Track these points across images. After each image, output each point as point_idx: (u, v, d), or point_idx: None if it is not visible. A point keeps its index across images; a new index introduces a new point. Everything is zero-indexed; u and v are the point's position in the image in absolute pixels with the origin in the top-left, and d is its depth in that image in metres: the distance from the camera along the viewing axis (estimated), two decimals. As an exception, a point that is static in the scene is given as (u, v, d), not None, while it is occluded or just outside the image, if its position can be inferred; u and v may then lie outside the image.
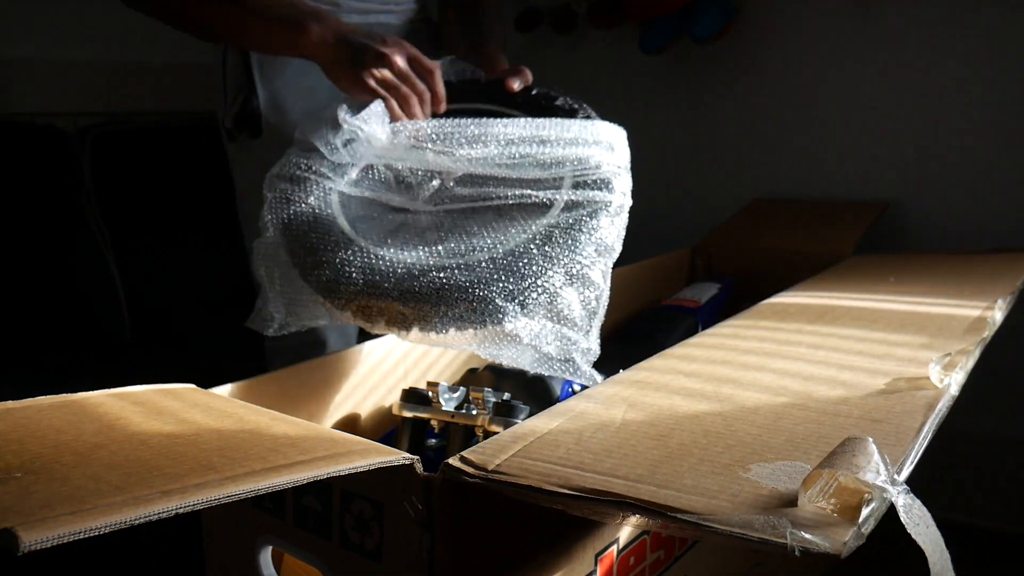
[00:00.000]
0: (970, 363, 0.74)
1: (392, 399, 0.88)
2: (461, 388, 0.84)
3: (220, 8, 0.92)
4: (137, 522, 0.40)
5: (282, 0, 0.90)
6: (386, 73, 0.85)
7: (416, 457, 0.54)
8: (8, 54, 1.74)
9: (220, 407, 0.64)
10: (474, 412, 0.81)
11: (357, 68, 0.85)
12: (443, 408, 0.83)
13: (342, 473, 0.49)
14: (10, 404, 0.59)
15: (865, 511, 0.42)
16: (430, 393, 0.83)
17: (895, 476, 0.44)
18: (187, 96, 2.01)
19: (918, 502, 0.43)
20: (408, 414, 0.84)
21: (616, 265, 0.79)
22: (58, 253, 1.60)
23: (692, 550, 0.76)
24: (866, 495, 0.43)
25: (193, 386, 0.71)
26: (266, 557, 0.68)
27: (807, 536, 0.40)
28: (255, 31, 0.92)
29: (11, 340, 1.50)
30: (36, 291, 1.55)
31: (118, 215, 1.70)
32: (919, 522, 0.43)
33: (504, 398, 0.82)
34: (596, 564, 0.65)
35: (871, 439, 0.46)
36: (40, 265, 1.58)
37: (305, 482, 0.47)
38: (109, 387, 0.66)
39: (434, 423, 0.83)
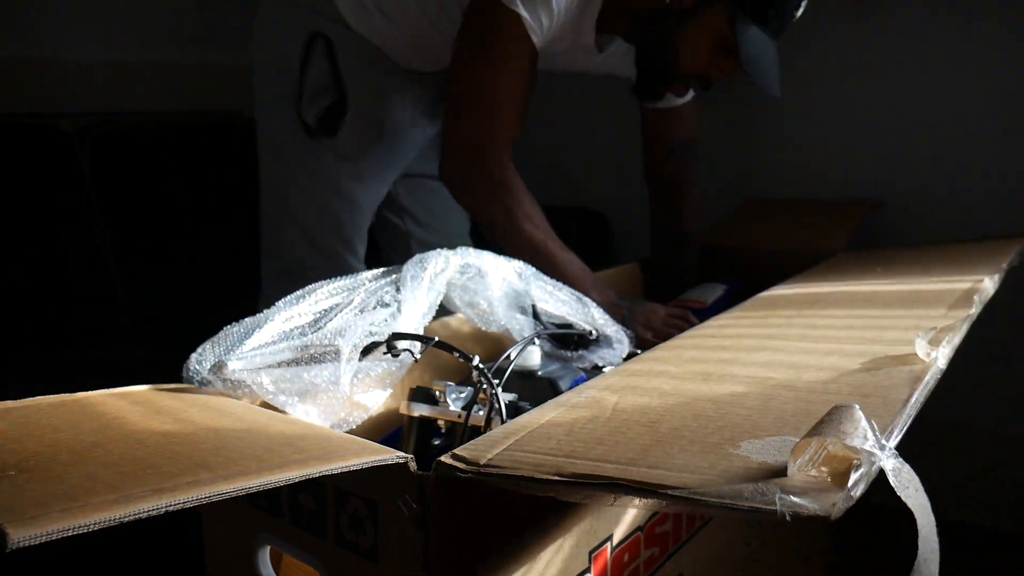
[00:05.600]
0: (957, 337, 0.74)
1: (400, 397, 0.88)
2: (468, 388, 0.84)
3: (529, 247, 1.08)
4: (127, 519, 0.40)
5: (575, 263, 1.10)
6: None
7: (410, 455, 0.54)
8: (8, 54, 1.74)
9: (219, 406, 0.64)
10: (480, 412, 0.81)
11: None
12: (450, 407, 0.83)
13: (334, 472, 0.49)
14: (9, 404, 0.59)
15: (854, 476, 0.42)
16: (437, 392, 0.83)
17: (883, 441, 0.44)
18: (188, 96, 2.02)
19: (907, 466, 0.43)
20: (415, 413, 0.84)
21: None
22: (58, 253, 1.61)
23: (686, 546, 0.77)
24: (855, 460, 0.43)
25: (193, 386, 0.71)
26: (264, 556, 0.68)
27: (796, 500, 0.40)
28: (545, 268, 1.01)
29: (11, 340, 1.50)
30: (36, 291, 1.56)
31: (118, 215, 1.71)
32: (908, 485, 0.43)
33: (511, 399, 0.82)
34: (591, 561, 0.65)
35: (857, 406, 0.46)
36: (40, 265, 1.58)
37: (297, 481, 0.47)
38: (109, 387, 0.66)
39: (440, 422, 0.83)
